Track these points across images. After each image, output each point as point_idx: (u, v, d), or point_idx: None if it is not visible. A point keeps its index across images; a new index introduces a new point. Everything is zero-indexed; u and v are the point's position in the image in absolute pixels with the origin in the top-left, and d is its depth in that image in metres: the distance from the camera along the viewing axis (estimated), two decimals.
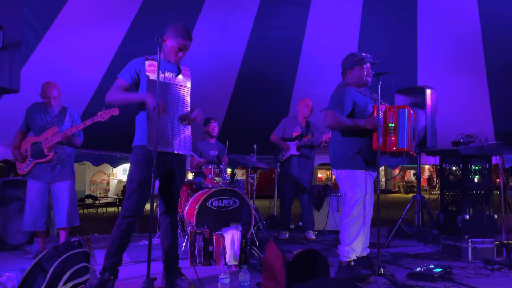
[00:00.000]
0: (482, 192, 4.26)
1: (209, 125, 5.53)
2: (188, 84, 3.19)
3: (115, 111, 3.54)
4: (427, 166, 23.35)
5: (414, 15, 6.02)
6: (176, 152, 3.04)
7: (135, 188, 2.94)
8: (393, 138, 3.30)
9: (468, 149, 4.20)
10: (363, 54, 3.50)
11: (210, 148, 5.50)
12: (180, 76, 3.13)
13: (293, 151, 5.46)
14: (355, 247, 3.34)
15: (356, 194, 3.36)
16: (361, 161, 3.39)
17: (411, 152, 3.43)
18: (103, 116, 3.58)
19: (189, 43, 3.04)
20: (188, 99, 3.16)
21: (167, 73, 3.01)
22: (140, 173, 2.95)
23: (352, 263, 3.33)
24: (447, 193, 4.47)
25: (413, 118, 3.50)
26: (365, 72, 3.49)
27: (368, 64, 3.50)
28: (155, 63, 2.96)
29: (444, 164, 4.55)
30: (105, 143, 6.29)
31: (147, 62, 3.00)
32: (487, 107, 6.45)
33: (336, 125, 3.41)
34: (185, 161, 3.29)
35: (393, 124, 3.31)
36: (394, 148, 3.30)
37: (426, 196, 5.25)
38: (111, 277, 2.89)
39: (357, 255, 3.39)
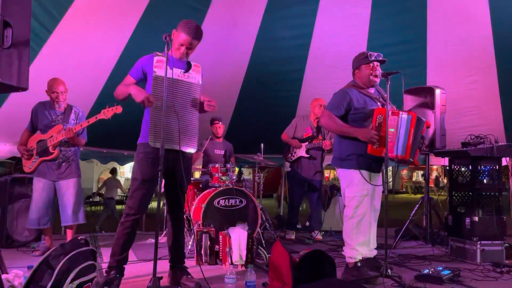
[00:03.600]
0: (492, 193, 4.21)
1: (213, 126, 5.52)
2: (199, 80, 3.16)
3: (118, 109, 3.55)
4: (434, 167, 23.17)
5: (424, 15, 5.96)
6: (181, 149, 3.01)
7: (137, 186, 2.94)
8: (390, 144, 3.19)
9: (477, 151, 4.16)
10: (370, 52, 3.40)
11: (215, 147, 5.48)
12: (189, 72, 3.10)
13: (302, 152, 5.43)
14: (359, 248, 3.31)
15: (353, 195, 3.32)
16: (355, 162, 3.32)
17: (410, 160, 3.34)
18: (106, 114, 3.59)
19: (195, 42, 3.00)
20: (197, 95, 3.12)
21: (175, 70, 2.98)
22: (142, 171, 2.94)
23: (359, 264, 3.30)
24: (456, 195, 4.43)
25: (423, 126, 3.40)
26: (372, 72, 3.38)
27: (375, 62, 3.38)
28: (164, 59, 2.94)
29: (453, 165, 4.50)
30: (113, 141, 6.31)
31: (155, 58, 2.98)
32: (498, 108, 6.38)
33: (329, 126, 3.47)
34: (191, 159, 3.26)
35: (393, 130, 3.22)
36: (389, 154, 3.19)
37: (434, 197, 5.20)
38: (117, 275, 2.89)
39: (363, 257, 3.35)
